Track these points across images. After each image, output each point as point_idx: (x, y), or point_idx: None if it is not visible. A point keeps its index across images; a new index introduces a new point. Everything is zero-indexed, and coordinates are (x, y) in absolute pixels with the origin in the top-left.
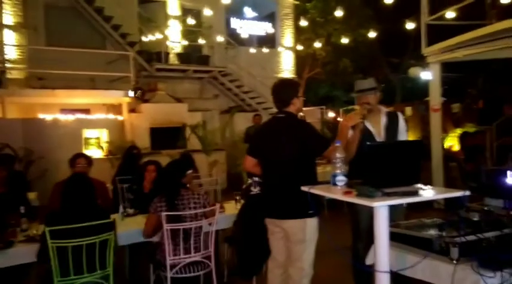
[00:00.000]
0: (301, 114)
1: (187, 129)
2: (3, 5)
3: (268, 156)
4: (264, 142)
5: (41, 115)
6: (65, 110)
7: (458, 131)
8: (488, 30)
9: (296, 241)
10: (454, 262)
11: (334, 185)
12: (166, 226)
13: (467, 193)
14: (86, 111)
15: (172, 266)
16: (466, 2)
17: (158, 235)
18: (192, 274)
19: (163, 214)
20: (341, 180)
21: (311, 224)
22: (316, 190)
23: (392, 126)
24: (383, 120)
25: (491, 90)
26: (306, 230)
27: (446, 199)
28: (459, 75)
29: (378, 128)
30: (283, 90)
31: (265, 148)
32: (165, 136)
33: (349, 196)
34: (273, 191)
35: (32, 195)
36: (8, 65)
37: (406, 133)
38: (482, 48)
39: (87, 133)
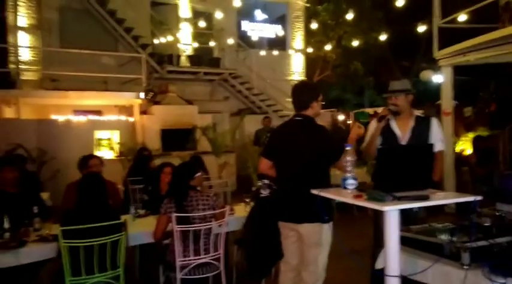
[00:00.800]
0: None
1: (197, 131)
2: (18, 7)
3: (285, 159)
4: (280, 144)
5: (54, 117)
6: (77, 111)
7: (470, 135)
8: (501, 34)
9: (312, 244)
10: (465, 267)
11: (345, 188)
12: (176, 228)
13: (479, 198)
14: (98, 112)
15: (182, 268)
16: (478, 5)
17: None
18: (202, 276)
19: (174, 215)
20: (351, 183)
21: (327, 228)
22: (326, 193)
23: (420, 131)
24: (411, 123)
25: (503, 93)
26: (322, 234)
27: (457, 204)
28: (471, 78)
29: (403, 131)
30: (302, 92)
31: (281, 150)
32: (175, 138)
33: (359, 200)
34: (289, 194)
35: (44, 195)
36: (22, 67)
37: (440, 141)
38: (494, 52)
39: (99, 134)
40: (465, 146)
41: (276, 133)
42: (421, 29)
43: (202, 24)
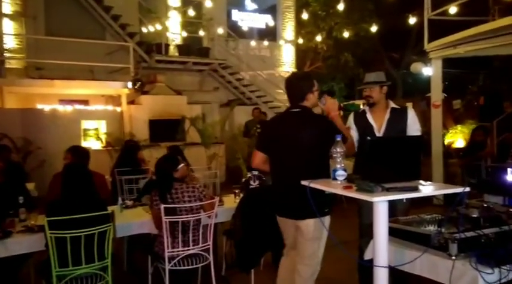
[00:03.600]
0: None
1: (186, 121)
2: None
3: (282, 152)
4: (276, 137)
5: (39, 106)
6: (63, 101)
7: (459, 127)
8: (491, 27)
9: (310, 239)
10: (453, 258)
11: (335, 179)
12: (165, 219)
13: (467, 189)
14: (85, 102)
15: (171, 259)
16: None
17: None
18: (191, 267)
19: (161, 206)
20: (341, 174)
21: (326, 220)
22: (316, 185)
23: (396, 122)
24: (386, 115)
25: (492, 86)
26: (322, 229)
27: (445, 196)
28: (460, 71)
29: (379, 123)
30: (297, 85)
31: (278, 143)
32: (164, 128)
33: (349, 191)
34: (287, 189)
35: (30, 186)
36: (6, 55)
37: (417, 131)
38: (484, 45)
39: (85, 124)
40: (454, 138)
41: (270, 126)
42: (412, 21)
43: (191, 13)
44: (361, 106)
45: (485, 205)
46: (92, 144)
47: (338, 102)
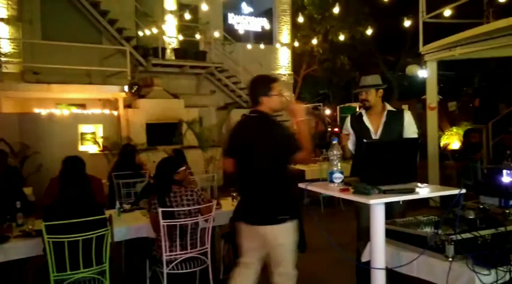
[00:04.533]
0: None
1: (183, 125)
2: None
3: (241, 157)
4: (237, 142)
5: (36, 110)
6: (60, 105)
7: (455, 129)
8: (486, 29)
9: (277, 245)
10: (450, 259)
11: (331, 182)
12: (162, 223)
13: (463, 191)
14: (82, 106)
15: (169, 262)
16: (463, 0)
17: (150, 231)
18: (189, 270)
19: (159, 210)
20: (338, 177)
21: (291, 227)
22: (313, 187)
23: (393, 124)
24: (383, 118)
25: (487, 88)
26: (288, 233)
27: (441, 197)
28: (455, 73)
29: (376, 126)
30: (252, 88)
31: (238, 148)
32: (161, 132)
33: (346, 194)
34: (250, 195)
35: (27, 190)
36: (3, 59)
37: (414, 133)
38: (479, 47)
39: (82, 128)
40: (449, 140)
41: (233, 131)
42: (407, 23)
43: (187, 16)
44: (357, 109)
45: (481, 206)
46: (89, 148)
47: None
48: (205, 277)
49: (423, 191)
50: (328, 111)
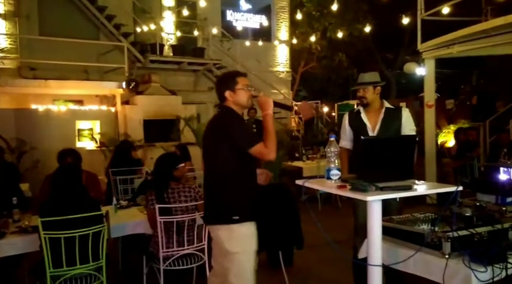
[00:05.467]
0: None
1: (181, 121)
2: None
3: (203, 156)
4: (203, 140)
5: (33, 106)
6: (58, 101)
7: (452, 127)
8: (484, 27)
9: (222, 250)
10: (446, 256)
11: (329, 179)
12: (159, 219)
13: (460, 188)
14: (79, 102)
15: (166, 259)
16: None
17: (147, 227)
18: (185, 267)
19: (156, 206)
20: (335, 174)
21: (240, 232)
22: (310, 184)
23: (390, 122)
24: (381, 115)
25: (484, 86)
26: (233, 238)
27: (438, 195)
28: (453, 71)
29: (373, 123)
30: (217, 85)
31: (203, 146)
32: (158, 128)
33: (343, 190)
34: (205, 193)
35: (24, 186)
36: (0, 55)
37: (412, 130)
38: (477, 45)
39: (80, 124)
40: (447, 138)
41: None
42: (405, 21)
43: (185, 13)
44: (355, 107)
45: (478, 204)
46: (87, 144)
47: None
48: (203, 273)
49: (420, 188)
50: (326, 109)
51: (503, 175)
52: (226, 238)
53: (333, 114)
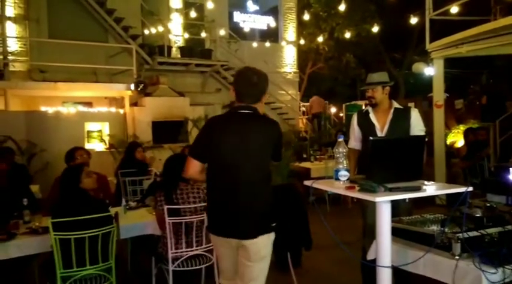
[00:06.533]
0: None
1: (189, 123)
2: None
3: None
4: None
5: (43, 108)
6: (67, 103)
7: (462, 127)
8: (492, 26)
9: (258, 259)
10: (456, 257)
11: (337, 180)
12: (168, 220)
13: (470, 189)
14: (88, 104)
15: (174, 260)
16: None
17: (157, 228)
18: (194, 268)
19: (165, 207)
20: (344, 175)
21: (272, 238)
22: (318, 185)
23: (399, 122)
24: (389, 115)
25: (494, 86)
26: (269, 246)
27: (448, 195)
28: (462, 71)
29: (382, 123)
30: (262, 81)
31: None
32: (167, 130)
33: (352, 191)
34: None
35: (34, 188)
36: (10, 58)
37: (421, 131)
38: (486, 44)
39: (89, 126)
40: (456, 138)
41: None
42: (413, 21)
43: (193, 14)
44: (363, 107)
45: (488, 204)
46: (96, 145)
47: None
48: (211, 274)
49: (429, 189)
50: (333, 109)
51: None
52: (265, 245)
53: (341, 114)
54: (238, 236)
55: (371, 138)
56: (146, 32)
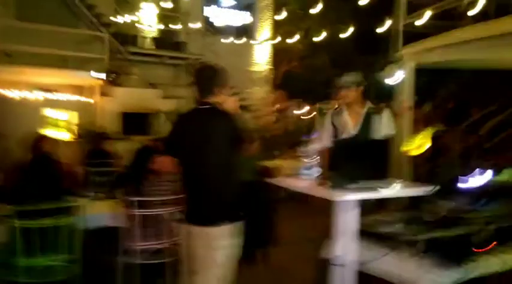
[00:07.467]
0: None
1: (161, 115)
2: None
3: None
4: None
5: (6, 93)
6: (33, 89)
7: (429, 130)
8: (462, 35)
9: (220, 247)
10: (416, 257)
11: (304, 177)
12: (136, 212)
13: (430, 191)
14: (55, 91)
15: (141, 252)
16: (442, 6)
17: (124, 220)
18: (159, 261)
19: (133, 199)
20: (310, 172)
21: (236, 228)
22: (285, 182)
23: (371, 121)
24: (362, 114)
25: (461, 92)
26: (232, 236)
27: (410, 196)
28: (431, 81)
29: (355, 121)
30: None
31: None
32: (136, 121)
33: (314, 189)
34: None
35: None
36: None
37: (391, 130)
38: (456, 54)
39: (54, 113)
40: (422, 141)
41: None
42: (387, 24)
43: (168, 5)
44: (337, 106)
45: (450, 205)
46: (62, 134)
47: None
48: (176, 268)
49: (389, 190)
50: (307, 108)
51: (470, 181)
52: (228, 233)
53: (314, 113)
54: (201, 223)
55: (335, 139)
56: (119, 20)
